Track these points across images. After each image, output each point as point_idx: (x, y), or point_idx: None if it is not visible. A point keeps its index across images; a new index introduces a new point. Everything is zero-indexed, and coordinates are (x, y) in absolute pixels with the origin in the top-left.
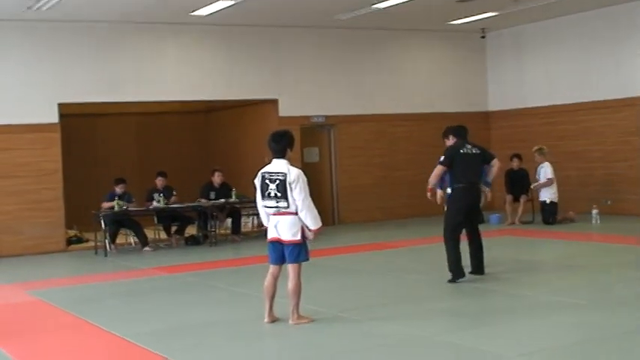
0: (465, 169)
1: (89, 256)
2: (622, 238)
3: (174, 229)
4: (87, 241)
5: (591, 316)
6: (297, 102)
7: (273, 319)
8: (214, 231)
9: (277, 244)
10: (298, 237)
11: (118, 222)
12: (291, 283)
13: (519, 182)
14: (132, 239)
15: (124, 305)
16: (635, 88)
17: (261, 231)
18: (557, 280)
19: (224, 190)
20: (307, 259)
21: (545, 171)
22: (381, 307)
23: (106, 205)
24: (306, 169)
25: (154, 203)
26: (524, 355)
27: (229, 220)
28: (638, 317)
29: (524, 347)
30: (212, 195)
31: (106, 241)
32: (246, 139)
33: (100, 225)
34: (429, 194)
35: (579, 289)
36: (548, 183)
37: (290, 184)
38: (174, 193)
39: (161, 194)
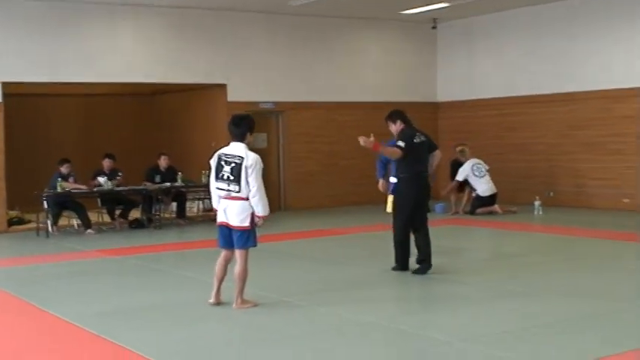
0: (415, 159)
1: (31, 238)
2: (562, 229)
3: (118, 212)
4: (28, 222)
5: (531, 304)
6: (246, 87)
7: (218, 302)
8: (159, 215)
9: (225, 228)
10: (247, 223)
11: (61, 204)
12: (237, 268)
13: None
14: (74, 221)
15: (66, 287)
16: (582, 82)
17: (207, 216)
18: (499, 269)
19: (170, 174)
20: (255, 245)
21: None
22: (325, 292)
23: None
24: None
25: (99, 180)
26: (467, 340)
27: (174, 204)
28: (577, 306)
29: (467, 333)
30: (157, 178)
31: (48, 222)
32: (193, 124)
33: (42, 206)
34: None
35: (520, 278)
36: (454, 184)
37: (247, 168)
38: (120, 174)
39: (106, 177)
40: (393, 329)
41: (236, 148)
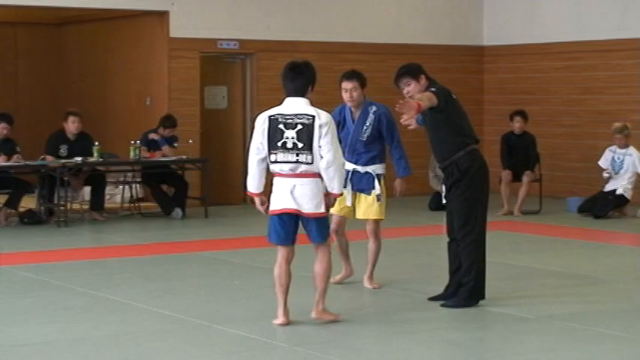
0: (465, 120)
1: None
2: None
3: (2, 199)
4: None
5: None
6: (197, 18)
7: (289, 321)
8: (64, 205)
9: (291, 216)
10: (322, 209)
11: None
12: (320, 267)
13: (522, 152)
14: None
15: None
16: None
17: (136, 207)
18: (573, 301)
19: (82, 144)
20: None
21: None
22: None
23: None
24: (208, 118)
25: None
26: None
27: (88, 190)
28: None
29: None
30: (63, 150)
31: None
32: (118, 70)
33: None
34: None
35: (603, 319)
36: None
37: (321, 127)
38: (18, 150)
39: None
40: None
41: (298, 106)
